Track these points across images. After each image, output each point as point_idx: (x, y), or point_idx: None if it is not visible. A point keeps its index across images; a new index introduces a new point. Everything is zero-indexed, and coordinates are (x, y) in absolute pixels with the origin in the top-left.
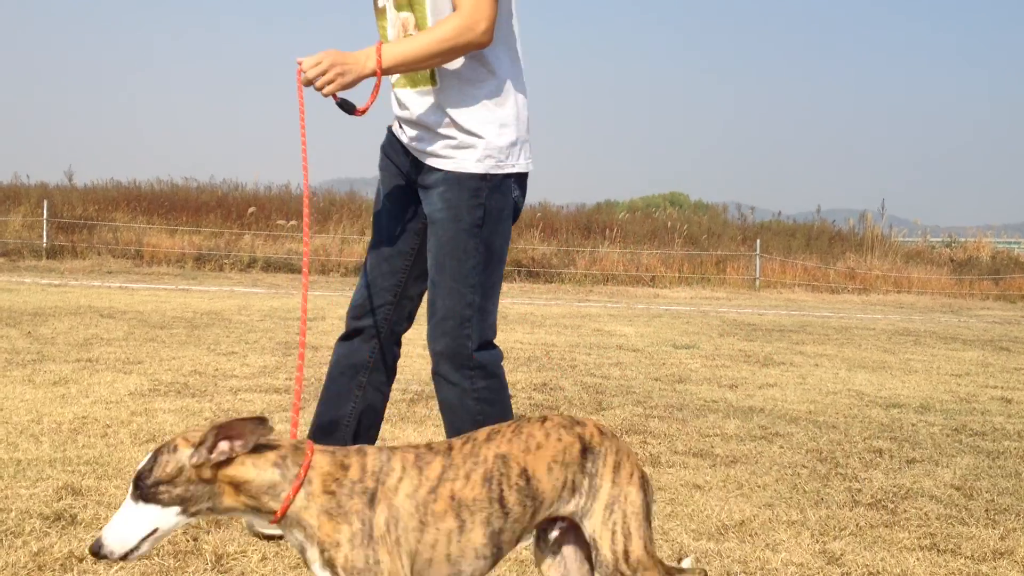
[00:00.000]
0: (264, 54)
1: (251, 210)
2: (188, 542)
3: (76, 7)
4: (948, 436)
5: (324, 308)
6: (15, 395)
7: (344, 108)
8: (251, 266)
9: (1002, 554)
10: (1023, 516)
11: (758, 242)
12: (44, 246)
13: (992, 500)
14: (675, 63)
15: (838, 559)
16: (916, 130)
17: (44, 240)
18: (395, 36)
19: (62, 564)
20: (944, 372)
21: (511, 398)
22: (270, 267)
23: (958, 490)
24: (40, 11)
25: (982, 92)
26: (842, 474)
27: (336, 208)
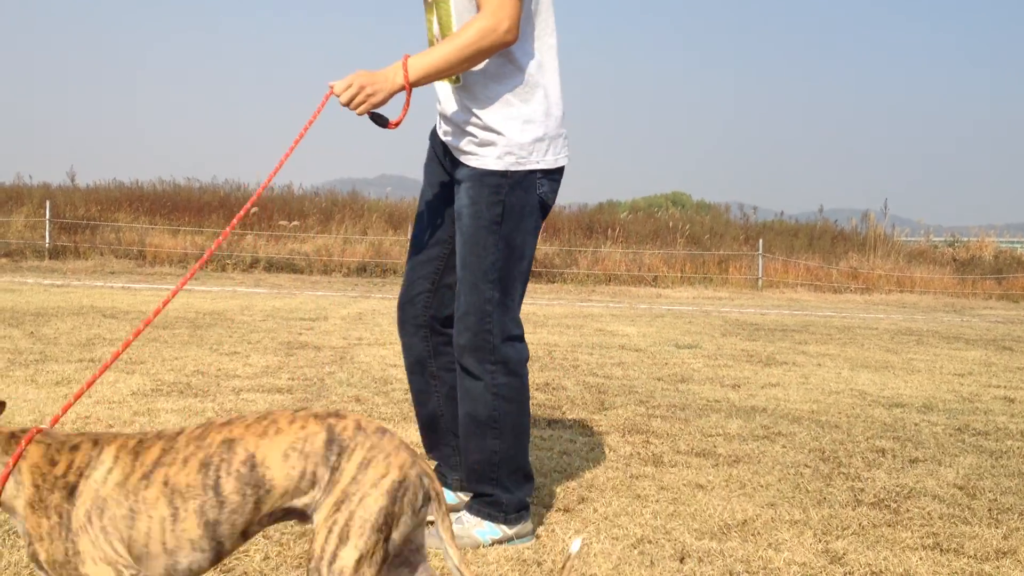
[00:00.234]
0: (266, 54)
1: (253, 210)
2: None
3: (78, 7)
4: (951, 436)
5: (327, 308)
6: (18, 395)
7: (377, 122)
8: (253, 266)
9: (1005, 553)
10: None
11: (760, 242)
12: (47, 246)
13: (995, 500)
14: (677, 62)
15: (841, 559)
16: (918, 130)
17: (47, 240)
18: (437, 33)
19: None
20: (947, 372)
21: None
22: (272, 267)
23: (961, 490)
24: (41, 11)
25: (985, 91)
26: (845, 474)
27: (338, 208)
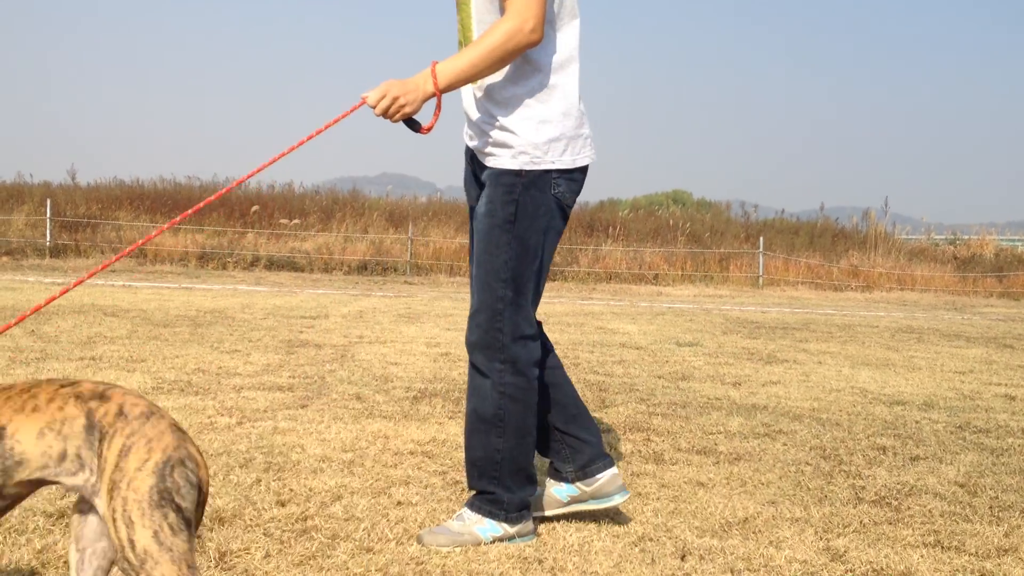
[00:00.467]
0: (267, 53)
1: (254, 209)
2: None
3: (79, 6)
4: (952, 433)
5: (327, 306)
6: None
7: (410, 127)
8: (254, 264)
9: (1006, 551)
10: None
11: (761, 240)
12: (47, 245)
13: (996, 497)
14: (677, 60)
15: (842, 556)
16: (919, 128)
17: (47, 239)
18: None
19: (65, 561)
20: (948, 369)
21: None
22: (273, 265)
23: (962, 487)
24: (43, 10)
25: (986, 89)
26: (846, 471)
27: (339, 207)
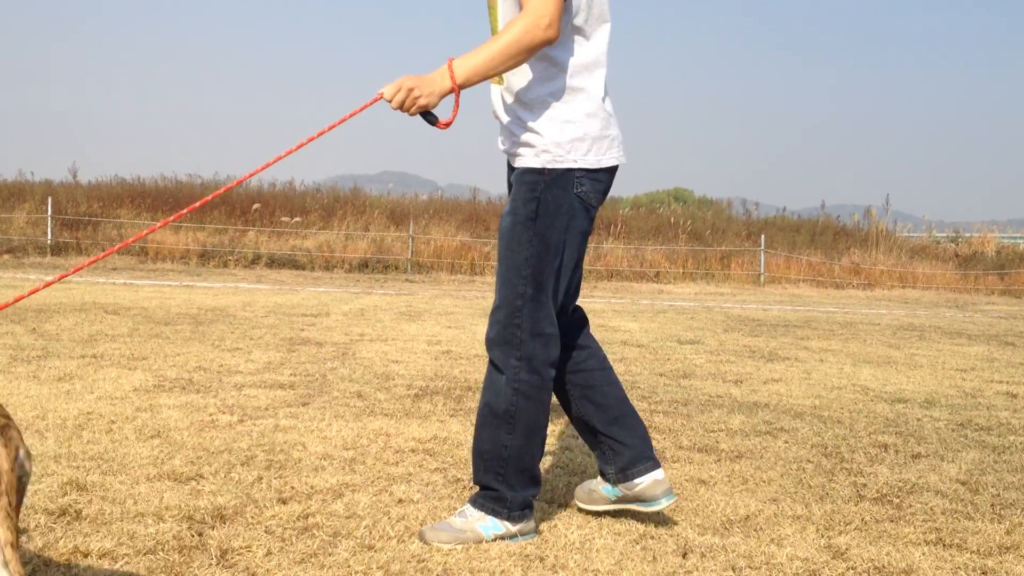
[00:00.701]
0: (268, 52)
1: (255, 207)
2: (193, 537)
3: (81, 4)
4: (953, 431)
5: (328, 304)
6: (20, 391)
7: (427, 120)
8: (255, 262)
9: (1008, 548)
10: None
11: (762, 238)
12: (49, 243)
13: (998, 495)
14: (678, 58)
15: (843, 554)
16: (921, 125)
17: (49, 237)
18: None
19: (67, 559)
20: (949, 367)
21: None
22: (274, 263)
23: (964, 485)
24: (44, 8)
25: (988, 86)
26: (847, 469)
27: (340, 204)
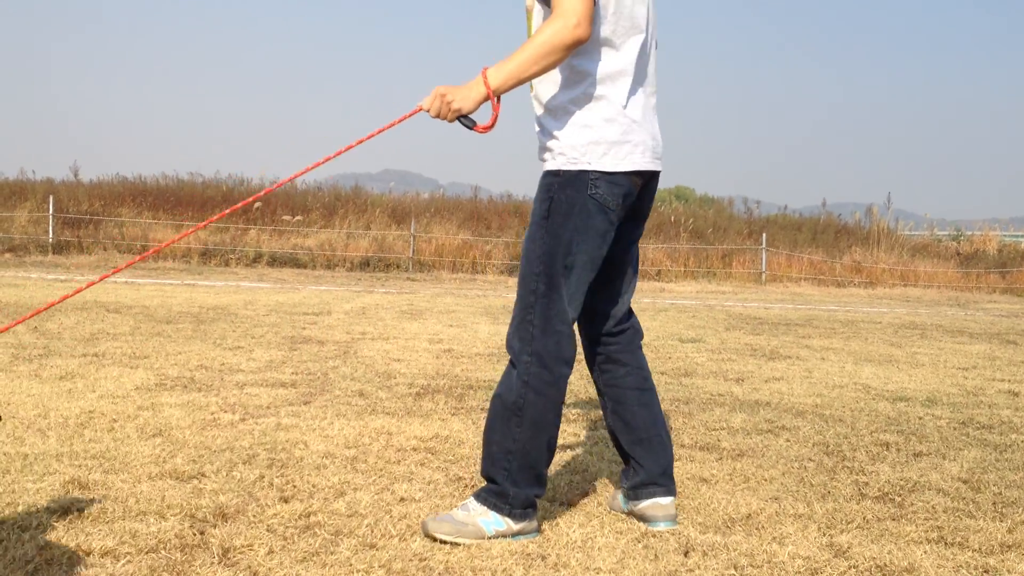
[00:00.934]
0: (268, 51)
1: (257, 205)
2: (195, 535)
3: (82, 3)
4: (955, 429)
5: (330, 303)
6: (22, 390)
7: (465, 124)
8: (257, 261)
9: (1010, 547)
10: None
11: (764, 236)
12: (50, 241)
13: (999, 493)
14: (679, 56)
15: (845, 552)
16: (922, 123)
17: (50, 235)
18: None
19: (69, 558)
20: (951, 365)
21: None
22: (276, 262)
23: (965, 483)
24: (45, 7)
25: (989, 85)
26: (849, 467)
27: (341, 203)
